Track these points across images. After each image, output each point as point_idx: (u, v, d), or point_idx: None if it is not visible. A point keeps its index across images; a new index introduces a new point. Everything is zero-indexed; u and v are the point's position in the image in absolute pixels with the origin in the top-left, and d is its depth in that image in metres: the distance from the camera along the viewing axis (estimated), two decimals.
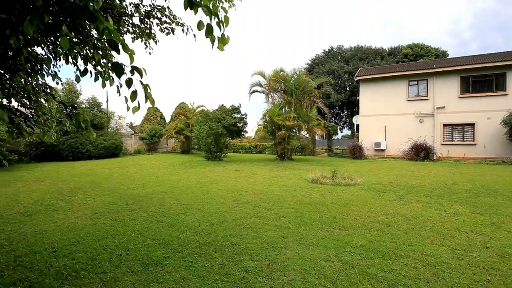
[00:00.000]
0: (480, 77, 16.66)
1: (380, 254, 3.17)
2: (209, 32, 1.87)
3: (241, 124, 19.67)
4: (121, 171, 11.12)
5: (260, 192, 6.71)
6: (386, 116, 18.59)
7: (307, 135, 17.69)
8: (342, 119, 38.76)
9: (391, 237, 3.69)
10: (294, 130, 16.40)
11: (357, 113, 21.26)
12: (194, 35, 2.96)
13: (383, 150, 18.40)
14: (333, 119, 38.30)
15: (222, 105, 20.27)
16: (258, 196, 6.25)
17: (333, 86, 32.27)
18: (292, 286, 2.53)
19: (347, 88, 32.56)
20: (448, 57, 29.23)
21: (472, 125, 16.64)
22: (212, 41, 1.92)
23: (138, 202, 5.75)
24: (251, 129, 16.20)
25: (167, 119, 34.16)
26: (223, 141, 16.96)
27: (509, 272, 2.74)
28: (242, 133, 20.63)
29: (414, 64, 22.07)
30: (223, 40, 1.96)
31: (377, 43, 65.78)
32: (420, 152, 16.07)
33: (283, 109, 16.52)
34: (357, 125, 20.76)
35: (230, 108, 19.58)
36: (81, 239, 3.70)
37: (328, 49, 37.37)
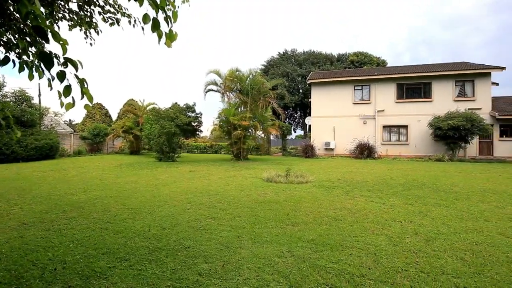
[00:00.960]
0: (412, 85, 19.02)
1: (329, 246, 3.37)
2: (155, 26, 1.76)
3: (196, 123, 19.15)
4: (57, 174, 9.88)
5: (215, 192, 6.61)
6: (335, 118, 19.99)
7: (263, 135, 18.07)
8: (296, 120, 40.50)
9: (338, 230, 3.96)
10: (250, 130, 16.58)
11: (309, 115, 22.42)
12: (143, 28, 2.77)
13: (332, 149, 19.73)
14: (287, 119, 39.77)
15: (176, 103, 19.46)
16: (213, 197, 6.15)
17: (287, 88, 33.50)
18: (246, 285, 2.53)
19: (300, 90, 34.12)
20: (387, 66, 32.66)
21: (406, 127, 18.90)
22: (159, 36, 1.81)
23: (78, 208, 5.17)
24: (207, 129, 15.96)
25: (114, 117, 31.58)
26: (177, 140, 16.31)
27: (433, 253, 3.16)
28: (197, 132, 20.12)
29: (359, 70, 24.19)
30: (170, 36, 1.87)
31: (327, 49, 70.35)
32: (364, 151, 17.67)
33: (239, 109, 16.58)
34: (309, 126, 21.90)
35: (184, 106, 18.91)
36: (3, 255, 3.18)
37: (283, 52, 38.66)
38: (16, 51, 2.14)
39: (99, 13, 3.20)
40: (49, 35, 1.51)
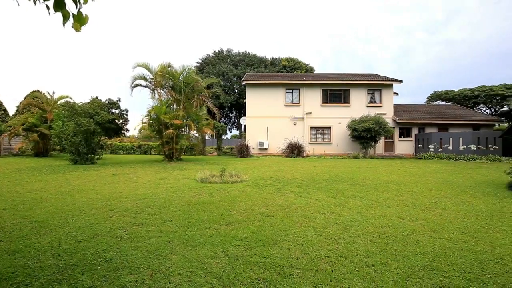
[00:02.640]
0: (334, 91, 21.37)
1: (261, 242, 3.48)
2: (58, 5, 1.49)
3: (121, 121, 17.29)
4: None
5: (143, 197, 6.09)
6: (268, 119, 20.90)
7: (197, 135, 17.57)
8: (231, 120, 40.80)
9: (270, 225, 4.14)
10: (183, 129, 15.91)
11: (245, 115, 22.89)
12: (47, 7, 2.33)
13: (266, 149, 20.58)
14: (223, 119, 39.72)
15: (96, 97, 17.16)
16: (141, 201, 5.65)
17: (222, 87, 33.46)
18: None
19: (236, 91, 34.53)
20: (314, 73, 35.90)
21: (329, 128, 21.11)
22: (64, 17, 1.54)
23: None
24: (134, 127, 14.49)
25: (11, 111, 26.23)
26: (97, 140, 14.48)
27: (349, 239, 3.60)
28: (122, 131, 18.19)
29: (290, 75, 25.90)
30: (79, 19, 1.60)
31: (262, 52, 73.17)
32: (294, 150, 19.01)
33: (171, 107, 15.73)
34: (244, 126, 22.36)
35: (107, 102, 16.86)
36: None
37: (219, 51, 38.46)
38: None
39: None
40: None
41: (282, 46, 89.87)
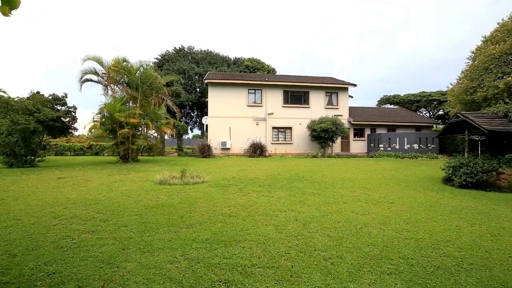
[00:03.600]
0: (295, 92, 22.09)
1: (223, 243, 3.44)
2: None
3: (68, 119, 15.72)
4: None
5: (94, 201, 5.60)
6: (231, 118, 20.81)
7: (156, 134, 16.75)
8: (193, 119, 39.75)
9: (232, 226, 4.11)
10: (140, 129, 15.04)
11: (207, 114, 22.45)
12: None
13: (228, 149, 20.46)
14: (184, 118, 38.51)
15: (37, 92, 15.34)
16: (91, 206, 5.19)
17: (183, 85, 32.41)
18: None
19: (198, 89, 33.71)
20: (276, 74, 36.66)
21: (290, 128, 21.76)
22: None
23: None
24: (84, 126, 13.19)
25: None
26: (38, 140, 12.97)
27: (308, 235, 3.74)
28: (70, 130, 16.55)
29: (252, 75, 26.08)
30: (9, 2, 1.37)
31: (225, 51, 72.60)
32: (257, 150, 19.21)
33: (127, 105, 14.76)
34: (206, 126, 21.94)
35: (50, 98, 15.16)
36: None
37: (179, 48, 37.15)
38: None
39: None
40: None
41: (245, 47, 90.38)
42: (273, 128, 21.55)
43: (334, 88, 22.37)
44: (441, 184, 7.94)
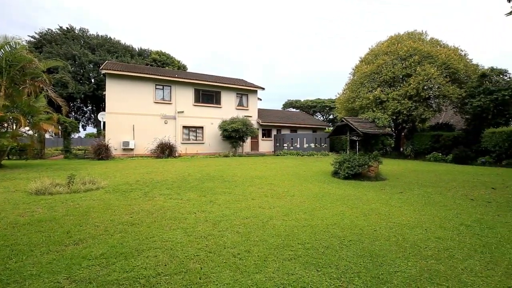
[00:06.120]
0: (207, 91, 21.86)
1: (123, 256, 3.04)
2: None
3: None
4: None
5: None
6: (135, 116, 18.81)
7: (31, 132, 13.36)
8: (86, 115, 34.02)
9: (135, 235, 3.69)
10: (7, 125, 11.73)
11: (104, 109, 19.55)
12: None
13: (131, 149, 18.43)
14: (73, 113, 32.47)
15: None
16: None
17: (73, 74, 27.27)
18: None
19: (92, 80, 29.03)
20: (187, 71, 35.34)
21: (202, 128, 21.42)
22: None
23: None
24: None
25: None
26: None
27: (218, 234, 3.74)
28: None
29: (161, 70, 24.29)
30: None
31: (127, 40, 64.64)
32: (165, 150, 18.04)
33: None
34: (104, 123, 19.10)
35: None
36: None
37: (68, 28, 30.98)
38: None
39: None
40: None
41: (153, 38, 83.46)
42: (184, 127, 20.72)
43: (244, 90, 23.35)
44: (331, 177, 9.42)
